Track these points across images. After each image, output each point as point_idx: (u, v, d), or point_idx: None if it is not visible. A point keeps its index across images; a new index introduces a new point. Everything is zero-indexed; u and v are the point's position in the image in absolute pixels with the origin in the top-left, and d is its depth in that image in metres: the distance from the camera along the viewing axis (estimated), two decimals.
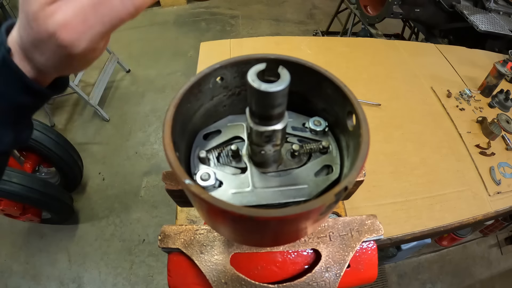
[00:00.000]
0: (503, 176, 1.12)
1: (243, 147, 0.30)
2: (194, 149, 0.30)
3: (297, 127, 0.32)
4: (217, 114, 0.33)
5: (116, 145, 2.25)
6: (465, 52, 1.72)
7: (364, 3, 2.20)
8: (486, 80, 1.40)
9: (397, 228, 0.94)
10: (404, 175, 1.07)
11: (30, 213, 1.60)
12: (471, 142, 1.20)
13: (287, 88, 0.21)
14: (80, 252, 1.78)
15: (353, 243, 0.46)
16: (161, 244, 0.45)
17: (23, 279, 1.68)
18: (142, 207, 1.97)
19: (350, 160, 0.27)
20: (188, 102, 0.28)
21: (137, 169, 2.13)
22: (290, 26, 3.52)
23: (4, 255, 1.74)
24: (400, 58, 1.56)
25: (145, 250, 1.81)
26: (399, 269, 1.87)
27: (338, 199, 0.23)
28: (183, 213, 0.73)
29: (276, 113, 0.23)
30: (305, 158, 0.31)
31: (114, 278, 1.71)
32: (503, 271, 1.96)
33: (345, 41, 1.66)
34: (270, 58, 0.27)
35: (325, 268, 0.44)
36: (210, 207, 0.21)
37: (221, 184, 0.28)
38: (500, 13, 1.95)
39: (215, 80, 0.29)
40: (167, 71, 2.79)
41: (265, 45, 1.53)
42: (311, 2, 3.88)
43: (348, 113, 0.28)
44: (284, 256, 0.46)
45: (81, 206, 1.94)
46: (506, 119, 1.28)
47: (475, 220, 1.01)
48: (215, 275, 0.43)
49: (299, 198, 0.27)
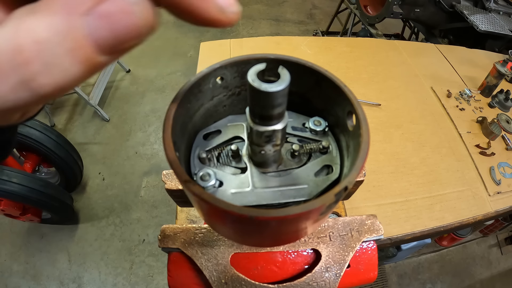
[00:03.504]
0: (503, 176, 1.12)
1: (243, 147, 0.30)
2: (194, 149, 0.30)
3: (297, 127, 0.32)
4: (217, 114, 0.33)
5: (116, 145, 2.25)
6: (465, 52, 1.72)
7: (364, 3, 2.20)
8: (486, 80, 1.40)
9: (397, 228, 0.94)
10: (404, 175, 1.07)
11: (30, 213, 1.60)
12: (471, 142, 1.20)
13: (287, 88, 0.21)
14: (80, 252, 1.78)
15: (353, 243, 0.46)
16: (161, 244, 0.45)
17: (23, 279, 1.68)
18: (142, 207, 1.97)
19: (350, 160, 0.27)
20: (188, 102, 0.28)
21: (137, 169, 2.13)
22: (290, 26, 3.52)
23: (4, 255, 1.74)
24: (400, 58, 1.56)
25: (145, 250, 1.81)
26: (399, 269, 1.87)
27: (338, 199, 0.23)
28: (183, 213, 0.73)
29: (276, 113, 0.23)
30: (305, 158, 0.31)
31: (114, 278, 1.71)
32: (503, 271, 1.96)
33: (345, 41, 1.66)
34: (270, 58, 0.27)
35: (325, 268, 0.44)
36: (210, 207, 0.21)
37: (221, 184, 0.28)
38: (500, 13, 1.95)
39: (215, 80, 0.29)
40: (167, 71, 2.79)
41: (265, 45, 1.53)
42: (311, 2, 3.88)
43: (348, 113, 0.28)
44: (284, 256, 0.46)
45: (81, 206, 1.94)
46: (506, 119, 1.28)
47: (475, 220, 1.01)
48: (215, 275, 0.43)
49: (299, 198, 0.27)
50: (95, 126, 2.34)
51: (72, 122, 2.36)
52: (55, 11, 0.12)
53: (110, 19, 0.13)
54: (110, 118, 2.39)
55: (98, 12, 0.12)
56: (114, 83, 2.65)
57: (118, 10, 0.13)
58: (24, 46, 0.12)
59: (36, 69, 0.12)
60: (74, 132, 2.30)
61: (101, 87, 2.34)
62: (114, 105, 2.50)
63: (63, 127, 2.32)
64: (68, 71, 0.13)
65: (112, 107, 2.48)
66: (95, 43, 0.13)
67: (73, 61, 0.13)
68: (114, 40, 0.13)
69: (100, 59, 0.13)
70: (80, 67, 0.13)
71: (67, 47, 0.12)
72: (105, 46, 0.13)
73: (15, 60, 0.12)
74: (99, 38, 0.13)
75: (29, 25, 0.12)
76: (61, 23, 0.12)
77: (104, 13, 0.13)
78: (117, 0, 0.13)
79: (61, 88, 0.13)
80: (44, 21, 0.12)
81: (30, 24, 0.12)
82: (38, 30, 0.12)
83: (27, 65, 0.12)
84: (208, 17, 0.15)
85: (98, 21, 0.12)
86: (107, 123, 2.36)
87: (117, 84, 2.66)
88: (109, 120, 2.38)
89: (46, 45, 0.12)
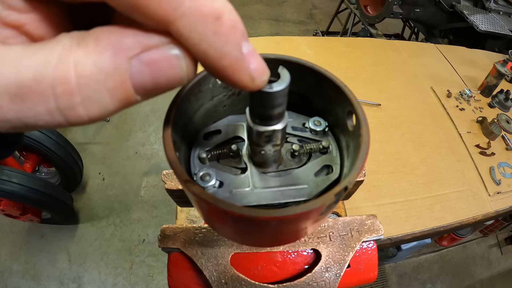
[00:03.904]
0: (503, 176, 1.12)
1: (243, 147, 0.30)
2: (194, 149, 0.30)
3: (297, 127, 0.32)
4: (217, 114, 0.33)
5: (116, 145, 2.25)
6: (465, 52, 1.72)
7: (364, 3, 2.20)
8: (486, 80, 1.40)
9: (397, 228, 0.94)
10: (404, 175, 1.07)
11: (30, 213, 1.60)
12: (471, 142, 1.20)
13: (287, 88, 0.21)
14: (80, 252, 1.78)
15: (353, 243, 0.46)
16: (161, 244, 0.45)
17: (23, 279, 1.68)
18: (142, 207, 1.97)
19: (350, 160, 0.27)
20: (188, 102, 0.28)
21: (137, 169, 2.13)
22: (290, 26, 3.52)
23: (4, 255, 1.74)
24: (400, 58, 1.56)
25: (145, 250, 1.81)
26: (399, 269, 1.87)
27: (338, 199, 0.23)
28: (183, 213, 0.73)
29: (276, 113, 0.23)
30: (305, 158, 0.31)
31: (114, 278, 1.71)
32: (503, 271, 1.96)
33: (345, 41, 1.66)
34: (270, 58, 0.27)
35: (325, 268, 0.44)
36: (210, 207, 0.21)
37: (221, 184, 0.28)
38: (500, 13, 1.95)
39: (215, 80, 0.29)
40: None
41: (265, 45, 1.53)
42: (311, 2, 3.88)
43: (348, 113, 0.28)
44: (284, 256, 0.46)
45: (81, 206, 1.94)
46: (506, 119, 1.28)
47: (475, 220, 1.01)
48: (215, 275, 0.43)
49: (299, 198, 0.27)
50: (95, 126, 2.34)
51: None
52: (103, 50, 0.13)
53: (154, 67, 0.14)
54: (110, 118, 2.39)
55: (144, 59, 0.13)
56: None
57: (163, 60, 0.14)
58: (70, 78, 0.12)
59: (76, 101, 0.13)
60: (74, 132, 2.30)
61: None
62: None
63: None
64: (105, 106, 0.14)
65: None
66: (136, 85, 0.14)
67: (112, 99, 0.13)
68: (153, 85, 0.14)
69: (136, 99, 0.14)
70: (117, 104, 0.14)
71: (109, 86, 0.13)
72: (144, 89, 0.14)
73: (58, 88, 0.12)
74: (141, 81, 0.14)
75: (77, 58, 0.13)
76: (108, 63, 0.13)
77: (149, 61, 0.13)
78: (163, 50, 0.14)
79: (94, 120, 0.14)
80: (92, 58, 0.13)
81: (78, 57, 0.13)
82: (85, 65, 0.12)
83: (69, 96, 0.13)
84: (240, 84, 0.16)
85: (143, 67, 0.13)
86: (107, 123, 2.36)
87: None
88: (109, 120, 2.38)
89: (90, 80, 0.13)
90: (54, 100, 0.13)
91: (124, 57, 0.13)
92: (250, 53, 0.16)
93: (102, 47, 0.13)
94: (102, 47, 0.13)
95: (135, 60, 0.13)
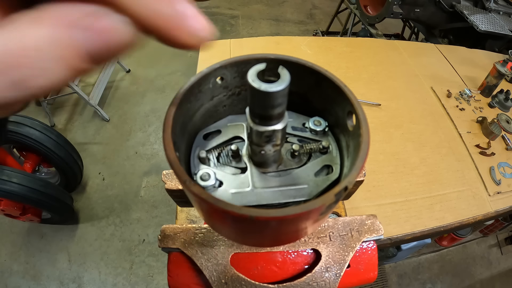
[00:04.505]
0: (503, 176, 1.12)
1: (243, 147, 0.30)
2: (194, 149, 0.30)
3: (297, 127, 0.32)
4: (217, 114, 0.33)
5: (116, 145, 2.25)
6: (465, 52, 1.72)
7: (364, 3, 2.20)
8: (486, 80, 1.40)
9: (397, 228, 0.94)
10: (404, 175, 1.07)
11: (30, 213, 1.60)
12: (471, 142, 1.20)
13: (287, 88, 0.21)
14: (80, 252, 1.78)
15: (353, 243, 0.46)
16: (161, 244, 0.45)
17: (23, 279, 1.68)
18: (142, 207, 1.97)
19: (350, 160, 0.27)
20: (188, 102, 0.28)
21: (137, 169, 2.13)
22: (290, 26, 3.52)
23: (4, 255, 1.74)
24: (400, 58, 1.56)
25: (145, 250, 1.81)
26: (399, 269, 1.87)
27: (338, 199, 0.23)
28: (183, 213, 0.73)
29: (276, 113, 0.23)
30: (305, 158, 0.31)
31: (114, 278, 1.71)
32: (503, 271, 1.96)
33: (345, 41, 1.66)
34: (270, 58, 0.27)
35: (325, 268, 0.44)
36: (210, 207, 0.21)
37: (221, 184, 0.28)
38: (500, 13, 1.95)
39: (215, 80, 0.29)
40: (167, 71, 2.79)
41: (265, 45, 1.53)
42: (311, 2, 3.88)
43: (348, 113, 0.28)
44: (284, 256, 0.46)
45: (81, 206, 1.94)
46: (506, 119, 1.28)
47: (475, 220, 1.01)
48: (215, 275, 0.43)
49: (299, 198, 0.27)
50: (95, 126, 2.34)
51: (72, 122, 2.36)
52: (47, 22, 0.14)
53: (96, 33, 0.15)
54: (110, 118, 2.39)
55: (86, 26, 0.15)
56: (114, 83, 2.65)
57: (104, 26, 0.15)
58: (17, 51, 0.14)
59: (27, 72, 0.14)
60: (74, 132, 2.30)
61: (101, 87, 2.34)
62: (114, 105, 2.50)
63: (63, 127, 2.32)
64: (55, 75, 0.15)
65: (112, 107, 2.48)
66: (80, 53, 0.15)
67: (60, 67, 0.15)
68: (98, 51, 0.15)
69: (83, 66, 0.15)
70: (66, 72, 0.15)
71: (55, 55, 0.14)
72: (90, 56, 0.15)
73: (8, 62, 0.14)
74: (85, 48, 0.15)
75: (23, 33, 0.14)
76: (49, 33, 0.14)
77: (91, 27, 0.15)
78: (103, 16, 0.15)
79: (48, 88, 0.15)
80: (36, 31, 0.14)
81: (24, 32, 0.14)
82: (31, 38, 0.14)
83: (19, 68, 0.14)
84: (179, 42, 0.17)
85: (85, 33, 0.15)
86: (107, 123, 2.36)
87: (117, 84, 2.66)
88: (109, 120, 2.38)
89: (37, 52, 0.14)
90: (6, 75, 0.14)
91: (66, 27, 0.14)
92: (186, 10, 0.16)
93: (46, 19, 0.14)
94: (44, 21, 0.14)
95: (76, 28, 0.14)
